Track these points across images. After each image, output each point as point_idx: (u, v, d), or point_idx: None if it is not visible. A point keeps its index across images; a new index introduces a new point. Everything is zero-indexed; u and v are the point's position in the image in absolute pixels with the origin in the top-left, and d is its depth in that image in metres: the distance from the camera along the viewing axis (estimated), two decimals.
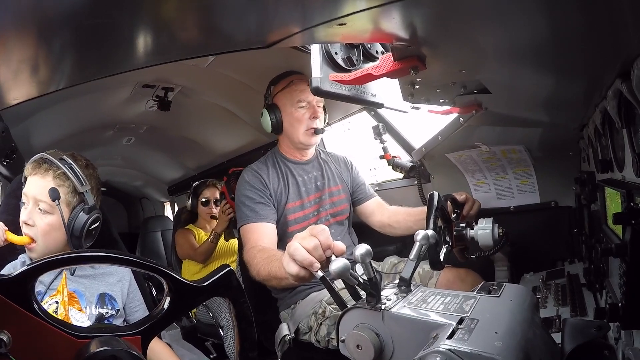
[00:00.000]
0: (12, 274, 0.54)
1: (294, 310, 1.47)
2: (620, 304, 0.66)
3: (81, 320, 1.06)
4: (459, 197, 1.32)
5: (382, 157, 1.87)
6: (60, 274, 1.08)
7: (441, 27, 0.65)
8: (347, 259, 0.63)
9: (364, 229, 1.73)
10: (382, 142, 1.83)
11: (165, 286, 0.62)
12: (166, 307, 0.62)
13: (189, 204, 2.61)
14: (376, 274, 0.63)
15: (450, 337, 0.50)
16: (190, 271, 2.48)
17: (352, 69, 0.99)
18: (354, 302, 0.65)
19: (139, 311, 1.18)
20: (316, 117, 1.52)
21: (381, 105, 1.19)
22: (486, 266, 1.45)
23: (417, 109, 1.29)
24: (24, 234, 1.07)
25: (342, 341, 0.62)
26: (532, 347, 0.52)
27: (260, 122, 1.58)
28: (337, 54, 0.97)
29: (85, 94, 1.82)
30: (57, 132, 2.16)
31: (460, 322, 0.54)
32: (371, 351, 0.58)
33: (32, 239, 1.06)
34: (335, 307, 1.31)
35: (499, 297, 0.64)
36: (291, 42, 0.68)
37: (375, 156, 1.95)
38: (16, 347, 0.52)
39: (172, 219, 3.82)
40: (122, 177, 4.12)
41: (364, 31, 0.67)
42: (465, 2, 0.54)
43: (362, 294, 0.65)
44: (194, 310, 2.25)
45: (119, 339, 0.57)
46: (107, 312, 1.11)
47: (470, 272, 1.38)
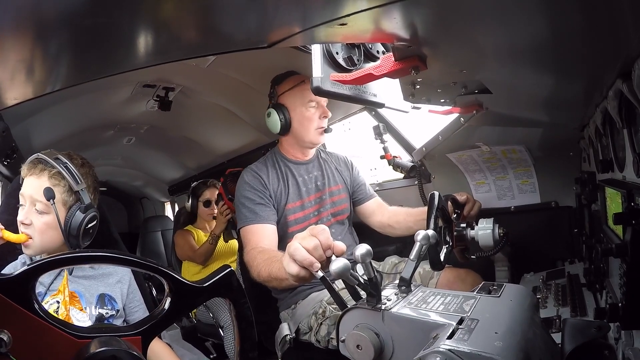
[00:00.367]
0: (12, 274, 0.54)
1: (294, 310, 1.47)
2: (620, 304, 0.66)
3: (82, 320, 1.06)
4: (459, 197, 1.32)
5: (382, 157, 1.87)
6: (61, 274, 1.08)
7: (442, 27, 0.65)
8: (348, 259, 0.63)
9: (364, 229, 1.73)
10: (383, 142, 1.83)
11: (165, 286, 0.62)
12: (167, 307, 0.61)
13: (188, 205, 2.60)
14: (376, 274, 0.63)
15: (450, 337, 0.50)
16: (190, 272, 2.48)
17: (353, 68, 0.99)
18: (354, 302, 0.65)
19: (139, 311, 1.18)
20: (326, 116, 1.53)
21: (382, 105, 1.19)
22: (486, 266, 1.45)
23: (418, 109, 1.29)
24: (20, 234, 1.07)
25: (342, 341, 0.62)
26: (532, 347, 0.52)
27: (260, 121, 1.57)
28: (338, 53, 0.97)
29: (85, 94, 1.82)
30: (58, 132, 2.16)
31: (460, 322, 0.54)
32: (371, 351, 0.58)
33: (29, 236, 1.06)
34: (335, 307, 1.31)
35: (499, 297, 0.64)
36: (292, 42, 0.68)
37: (375, 156, 1.95)
38: (16, 347, 0.52)
39: (172, 219, 3.82)
40: (123, 177, 4.12)
41: (364, 31, 0.67)
42: (466, 2, 0.54)
43: (362, 294, 0.64)
44: (194, 310, 2.25)
45: (119, 339, 0.57)
46: (107, 313, 1.11)
47: (470, 272, 1.38)
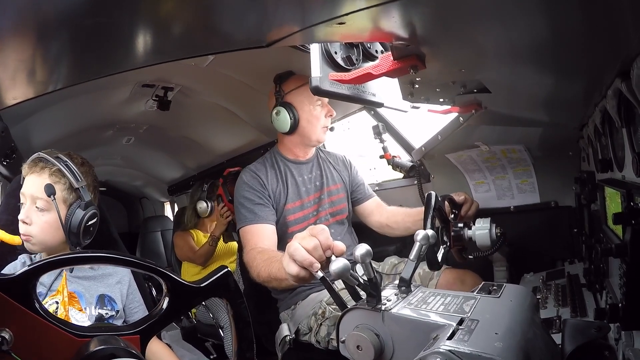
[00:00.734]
0: (14, 274, 0.55)
1: (293, 311, 1.47)
2: (620, 305, 0.66)
3: (81, 320, 1.06)
4: (457, 197, 1.32)
5: (382, 157, 1.87)
6: (60, 275, 1.08)
7: (441, 26, 0.65)
8: (347, 259, 0.62)
9: (364, 229, 1.73)
10: (382, 141, 1.83)
11: (163, 287, 0.62)
12: (165, 307, 0.62)
13: (204, 206, 2.49)
14: (376, 274, 0.63)
15: (450, 337, 0.50)
16: (189, 272, 2.48)
17: (351, 68, 0.99)
18: (354, 303, 0.65)
19: (139, 312, 1.18)
20: (331, 115, 1.54)
21: (381, 104, 1.19)
22: (485, 267, 1.45)
23: (417, 108, 1.28)
24: (20, 232, 1.07)
25: (342, 342, 0.61)
26: (533, 348, 0.52)
27: (259, 121, 1.57)
28: (336, 53, 0.97)
29: (84, 94, 1.82)
30: (57, 132, 2.16)
31: (460, 322, 0.54)
32: (371, 352, 0.58)
33: (28, 235, 1.06)
34: (334, 307, 1.31)
35: (499, 297, 0.64)
36: (291, 42, 0.68)
37: (375, 156, 1.95)
38: (18, 345, 0.52)
39: (172, 219, 3.82)
40: (122, 176, 4.12)
41: (363, 30, 0.67)
42: (465, 1, 0.54)
43: (362, 295, 0.64)
44: (193, 310, 2.25)
45: (118, 338, 0.58)
46: (106, 313, 1.11)
47: (469, 272, 1.38)
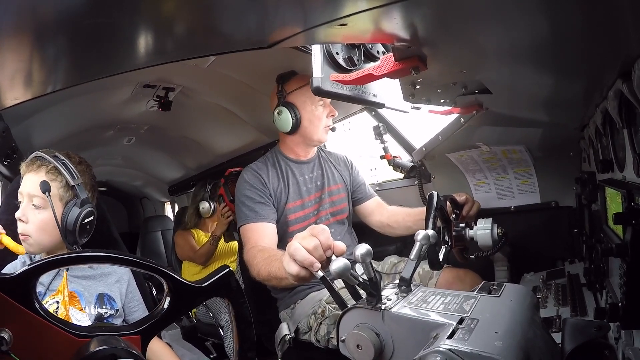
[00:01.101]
0: (13, 273, 0.54)
1: (293, 310, 1.47)
2: (620, 304, 0.66)
3: (82, 320, 1.06)
4: (458, 197, 1.32)
5: (382, 157, 1.87)
6: (60, 274, 1.08)
7: (442, 27, 0.65)
8: (347, 259, 0.63)
9: (364, 229, 1.73)
10: (383, 142, 1.83)
11: (165, 286, 0.62)
12: (166, 307, 0.62)
13: (207, 206, 2.48)
14: (376, 273, 0.63)
15: (450, 337, 0.50)
16: (190, 272, 2.48)
17: (353, 69, 0.99)
18: (354, 302, 0.65)
19: (138, 311, 1.18)
20: (333, 114, 1.55)
21: (382, 105, 1.19)
22: (485, 266, 1.45)
23: (418, 109, 1.29)
24: (18, 231, 1.07)
25: (342, 341, 0.62)
26: (532, 347, 0.52)
27: (260, 121, 1.57)
28: (338, 54, 0.97)
29: (85, 94, 1.82)
30: (58, 132, 2.16)
31: (460, 322, 0.54)
32: (371, 351, 0.58)
33: (26, 235, 1.06)
34: (334, 306, 1.31)
35: (499, 297, 0.64)
36: (292, 43, 0.68)
37: (375, 156, 1.95)
38: (17, 345, 0.52)
39: (172, 218, 3.82)
40: (123, 177, 4.12)
41: (365, 31, 0.67)
42: (466, 2, 0.54)
43: (362, 294, 0.65)
44: (194, 310, 2.25)
45: (118, 338, 0.58)
46: (106, 312, 1.11)
47: (469, 272, 1.38)
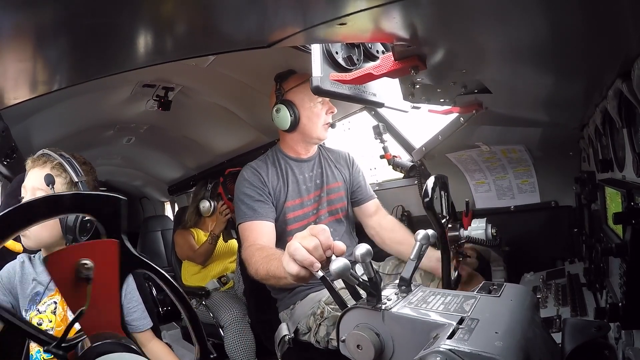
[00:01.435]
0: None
1: (292, 310, 1.47)
2: (620, 304, 0.66)
3: None
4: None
5: (382, 157, 1.87)
6: None
7: (442, 27, 0.65)
8: (347, 259, 0.63)
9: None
10: (383, 141, 1.83)
11: None
12: None
13: (207, 206, 2.49)
14: (376, 273, 0.63)
15: (450, 337, 0.50)
16: (189, 271, 2.48)
17: (352, 68, 0.99)
18: (354, 302, 0.65)
19: (137, 311, 1.18)
20: (332, 112, 1.55)
21: (381, 104, 1.19)
22: (484, 267, 1.45)
23: (418, 108, 1.29)
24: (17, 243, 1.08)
25: (343, 341, 0.61)
26: (533, 347, 0.52)
27: (260, 121, 1.57)
28: (337, 53, 0.97)
29: (85, 94, 1.82)
30: (58, 132, 2.16)
31: (460, 322, 0.54)
32: (371, 351, 0.58)
33: (24, 240, 1.07)
34: (333, 307, 1.31)
35: (499, 297, 0.64)
36: (292, 42, 0.68)
37: (375, 156, 1.95)
38: None
39: (172, 218, 3.81)
40: (122, 176, 4.11)
41: (364, 31, 0.67)
42: (465, 2, 0.54)
43: (362, 294, 0.64)
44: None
45: (117, 334, 0.57)
46: None
47: (472, 272, 1.38)
